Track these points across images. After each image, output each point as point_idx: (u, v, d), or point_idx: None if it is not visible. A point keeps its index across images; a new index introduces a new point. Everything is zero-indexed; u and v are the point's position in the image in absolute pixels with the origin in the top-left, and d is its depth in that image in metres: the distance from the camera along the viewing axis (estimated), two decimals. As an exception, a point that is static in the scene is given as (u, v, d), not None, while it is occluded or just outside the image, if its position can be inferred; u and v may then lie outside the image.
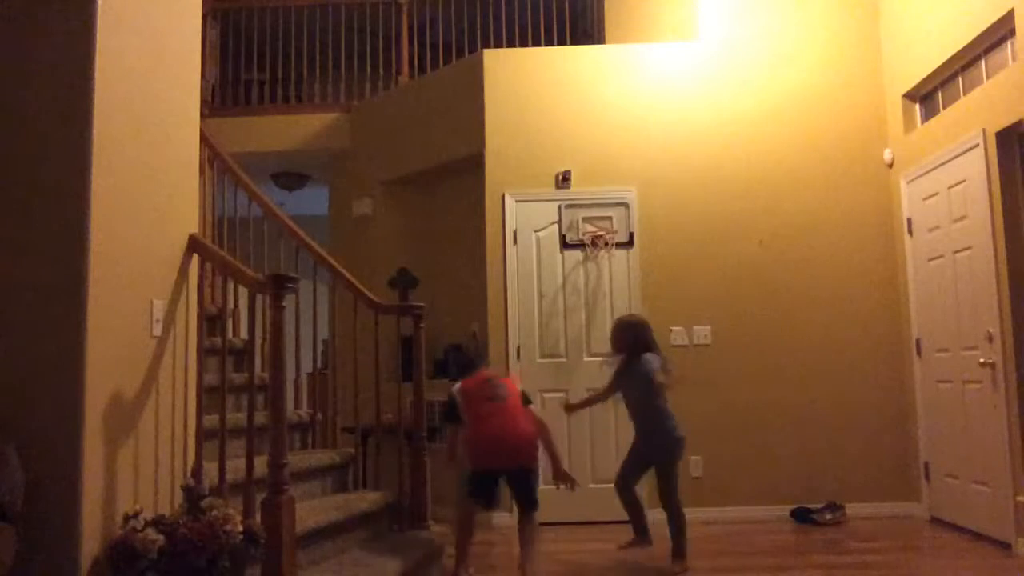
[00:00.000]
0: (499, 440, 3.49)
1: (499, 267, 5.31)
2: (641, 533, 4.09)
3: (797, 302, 5.26)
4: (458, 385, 3.68)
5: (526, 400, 3.71)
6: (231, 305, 3.85)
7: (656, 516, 4.10)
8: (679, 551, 3.89)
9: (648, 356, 3.99)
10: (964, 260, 4.48)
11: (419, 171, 5.94)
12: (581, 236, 5.31)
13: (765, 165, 5.36)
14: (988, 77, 4.38)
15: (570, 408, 4.44)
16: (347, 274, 3.88)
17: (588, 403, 4.42)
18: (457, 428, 3.67)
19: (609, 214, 5.34)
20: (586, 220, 5.33)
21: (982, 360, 4.24)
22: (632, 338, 4.10)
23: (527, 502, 3.57)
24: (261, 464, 2.66)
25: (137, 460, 2.51)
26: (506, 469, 3.54)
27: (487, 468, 3.53)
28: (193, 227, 2.93)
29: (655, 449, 3.99)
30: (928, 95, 5.09)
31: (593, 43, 6.36)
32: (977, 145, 4.29)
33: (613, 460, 5.00)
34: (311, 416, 3.94)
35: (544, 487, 5.11)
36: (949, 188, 4.62)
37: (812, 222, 5.32)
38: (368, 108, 6.26)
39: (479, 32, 6.36)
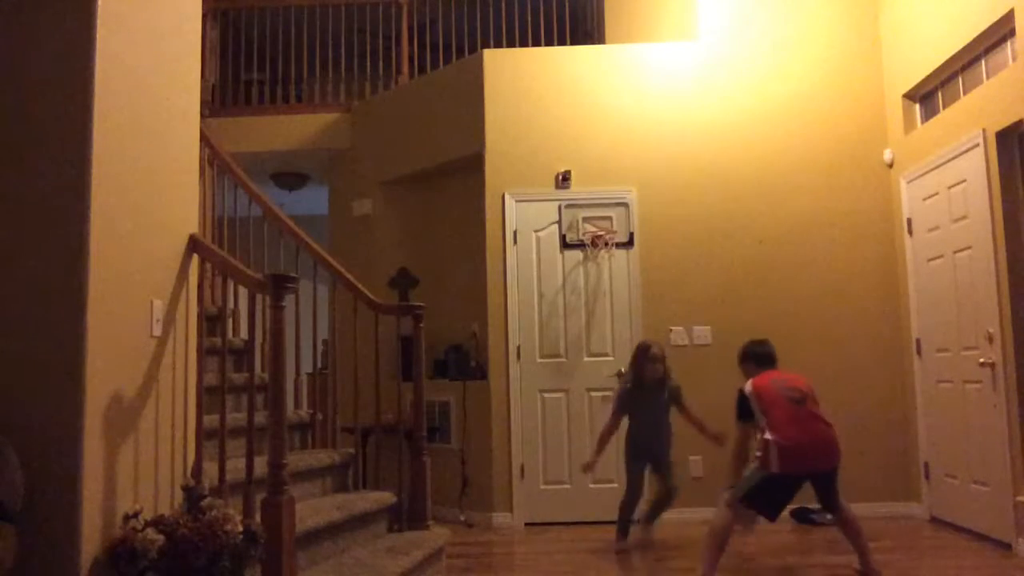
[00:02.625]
0: (811, 445, 3.47)
1: (499, 267, 5.31)
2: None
3: (797, 302, 5.26)
4: (750, 385, 3.63)
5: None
6: (231, 305, 3.85)
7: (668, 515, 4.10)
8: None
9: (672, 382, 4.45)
10: (964, 260, 4.48)
11: (419, 171, 5.94)
12: (581, 236, 5.31)
13: (765, 165, 5.37)
14: (988, 77, 4.39)
15: (591, 464, 4.48)
16: (347, 274, 3.88)
17: (603, 444, 4.47)
18: (748, 427, 3.64)
19: (609, 214, 5.34)
20: (586, 220, 5.33)
21: (982, 360, 4.24)
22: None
23: (833, 504, 3.64)
24: (261, 464, 2.66)
25: (137, 460, 2.51)
26: (817, 472, 3.53)
27: (792, 472, 3.47)
28: (193, 227, 2.93)
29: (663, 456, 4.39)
30: (928, 95, 5.10)
31: (593, 43, 6.37)
32: (977, 145, 4.29)
33: (613, 460, 5.01)
34: (311, 416, 3.94)
35: (544, 487, 5.14)
36: (949, 188, 4.62)
37: (812, 222, 5.32)
38: (368, 108, 6.27)
39: (479, 32, 6.37)
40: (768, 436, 3.45)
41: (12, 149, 2.39)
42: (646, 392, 4.36)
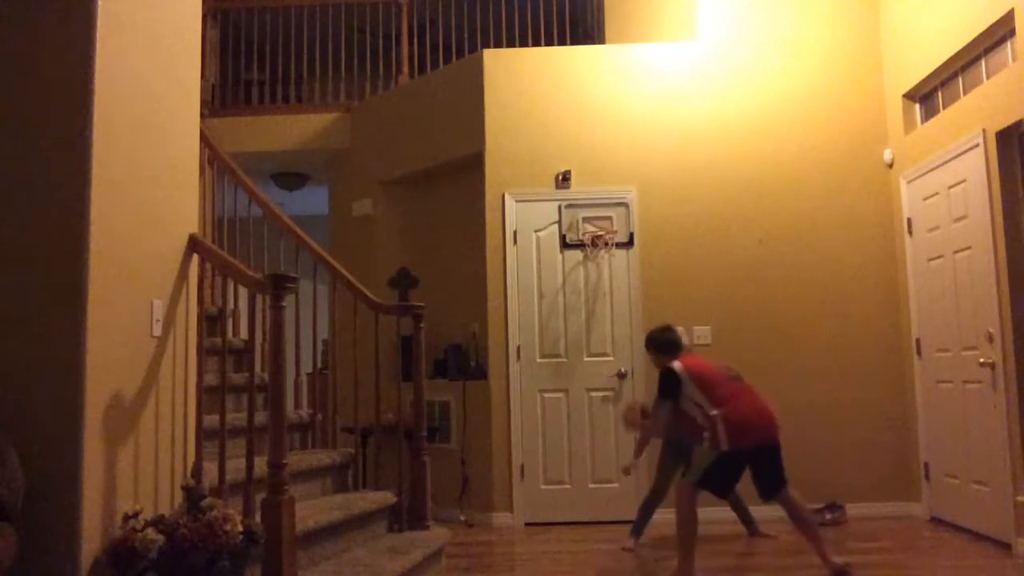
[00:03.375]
0: (756, 417, 3.59)
1: (499, 267, 5.31)
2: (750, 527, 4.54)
3: (797, 302, 5.26)
4: (679, 363, 3.78)
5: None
6: (231, 305, 3.85)
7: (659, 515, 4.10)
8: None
9: None
10: (964, 260, 4.48)
11: (419, 171, 5.94)
12: (581, 236, 5.31)
13: (765, 165, 5.37)
14: (988, 77, 4.39)
15: (629, 467, 4.57)
16: (347, 274, 3.88)
17: (643, 445, 4.45)
18: (671, 405, 3.77)
19: (609, 214, 5.34)
20: (586, 220, 5.33)
21: (982, 360, 4.24)
22: None
23: (780, 479, 3.65)
24: (261, 464, 2.66)
25: (137, 460, 2.51)
26: (762, 445, 3.59)
27: (742, 446, 3.55)
28: (193, 227, 2.93)
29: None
30: (928, 95, 5.10)
31: (593, 43, 6.37)
32: (977, 145, 4.29)
33: (613, 460, 5.02)
34: (311, 416, 3.94)
35: (544, 487, 5.14)
36: (949, 188, 4.62)
37: (812, 222, 5.32)
38: (368, 108, 6.27)
39: (479, 32, 6.37)
40: (713, 412, 3.58)
41: (12, 149, 2.39)
42: None
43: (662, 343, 4.03)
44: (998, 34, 4.28)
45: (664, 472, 4.38)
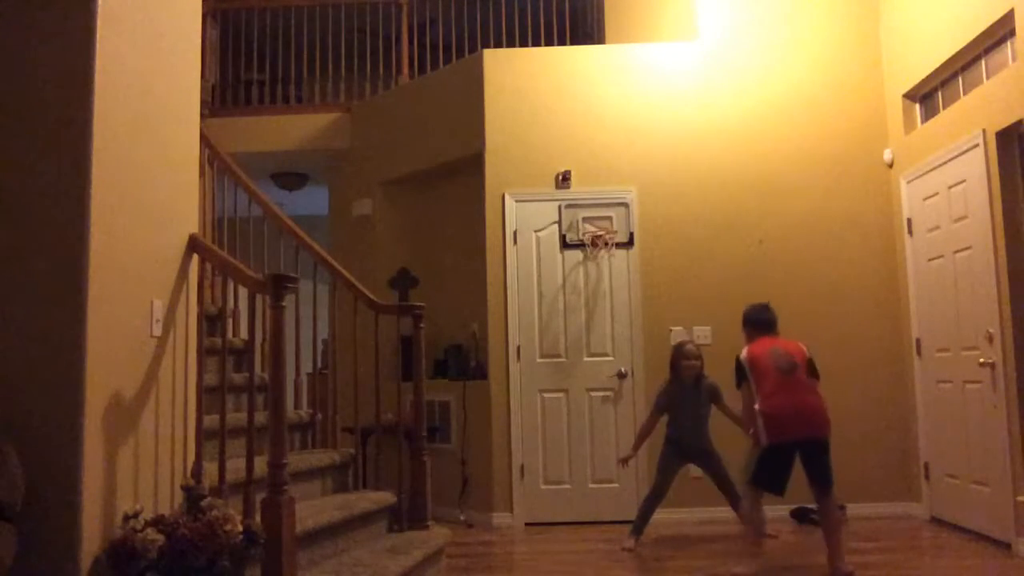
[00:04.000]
0: (794, 412, 3.53)
1: (499, 267, 5.31)
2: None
3: (797, 302, 5.25)
4: (745, 352, 3.76)
5: (813, 370, 3.74)
6: (231, 305, 3.85)
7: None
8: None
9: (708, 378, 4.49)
10: (964, 260, 4.48)
11: (419, 171, 5.94)
12: (581, 236, 5.31)
13: (765, 165, 5.37)
14: (988, 77, 4.38)
15: (627, 458, 4.61)
16: (347, 274, 3.88)
17: (641, 441, 4.57)
18: (748, 389, 3.72)
19: (609, 214, 5.34)
20: (586, 220, 5.33)
21: (982, 360, 4.24)
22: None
23: (824, 479, 3.58)
24: (261, 464, 2.66)
25: (137, 460, 2.51)
26: (805, 440, 3.55)
27: (782, 441, 3.53)
28: (193, 227, 2.93)
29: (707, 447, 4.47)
30: (928, 95, 5.10)
31: (593, 43, 6.37)
32: (977, 145, 4.29)
33: (613, 459, 5.02)
34: (311, 416, 3.94)
35: (544, 487, 5.14)
36: (949, 188, 4.62)
37: (812, 222, 5.32)
38: (368, 108, 6.27)
39: (479, 32, 6.37)
40: (757, 406, 3.58)
41: (12, 149, 2.39)
42: (685, 391, 4.43)
43: (745, 320, 3.97)
44: (998, 34, 4.27)
45: (664, 472, 4.39)
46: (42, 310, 2.31)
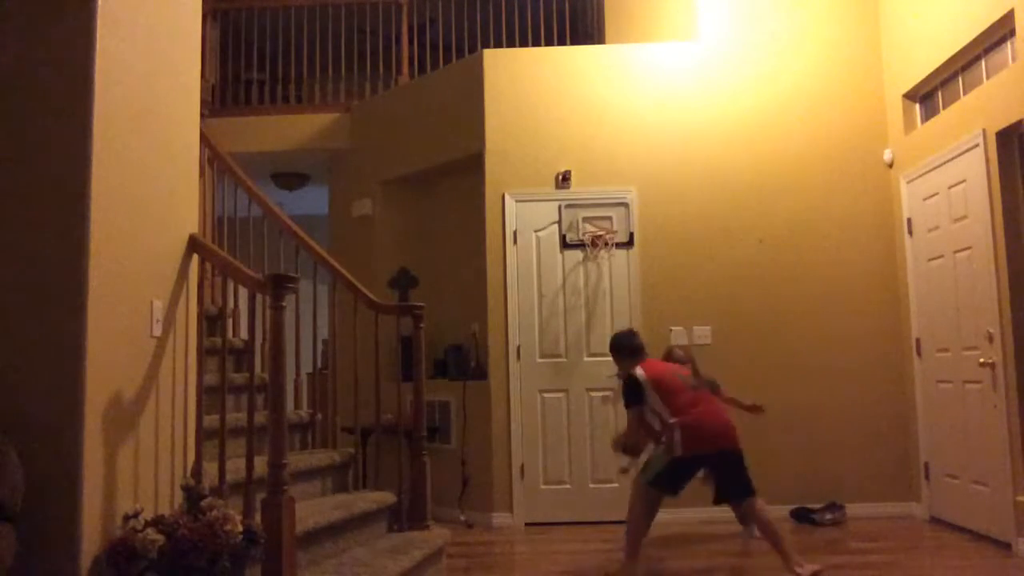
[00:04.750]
0: (712, 425, 3.64)
1: (499, 267, 5.31)
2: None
3: (797, 302, 5.26)
4: (642, 371, 3.78)
5: (714, 386, 3.93)
6: (231, 305, 3.85)
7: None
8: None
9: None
10: (964, 260, 4.48)
11: (419, 171, 5.94)
12: (581, 236, 5.31)
13: (765, 165, 5.37)
14: (988, 77, 4.39)
15: (628, 467, 4.63)
16: (347, 274, 3.88)
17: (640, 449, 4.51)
18: (642, 410, 3.75)
19: (609, 214, 5.34)
20: (586, 220, 5.33)
21: (982, 360, 4.24)
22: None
23: (747, 488, 3.66)
24: (261, 464, 2.66)
25: (137, 460, 2.51)
26: (720, 452, 3.64)
27: (698, 452, 3.61)
28: (193, 227, 2.93)
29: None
30: (928, 95, 5.10)
31: (593, 43, 6.37)
32: (977, 145, 4.29)
33: (613, 460, 5.01)
34: (311, 416, 3.94)
35: (544, 487, 5.14)
36: (949, 188, 4.62)
37: (812, 222, 5.32)
38: (368, 108, 6.27)
39: (479, 32, 6.37)
40: (672, 420, 3.64)
41: (12, 149, 2.39)
42: None
43: (622, 347, 3.97)
44: (998, 34, 4.28)
45: None
46: (42, 310, 2.31)
